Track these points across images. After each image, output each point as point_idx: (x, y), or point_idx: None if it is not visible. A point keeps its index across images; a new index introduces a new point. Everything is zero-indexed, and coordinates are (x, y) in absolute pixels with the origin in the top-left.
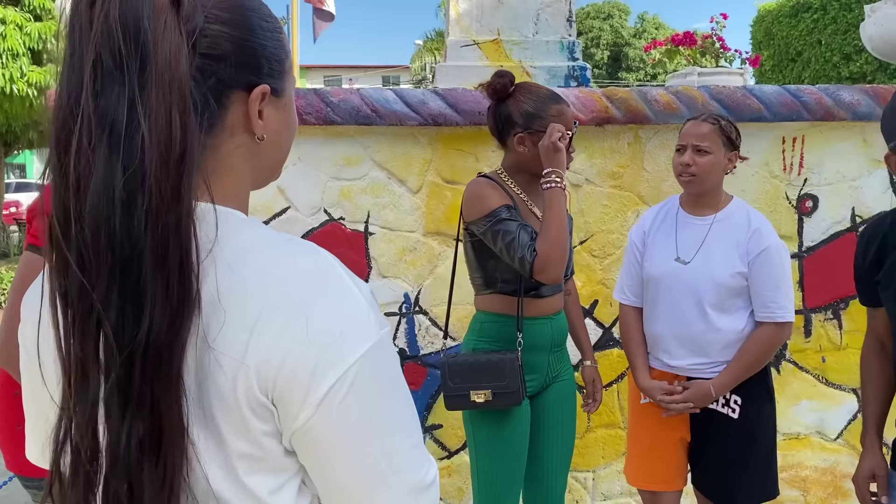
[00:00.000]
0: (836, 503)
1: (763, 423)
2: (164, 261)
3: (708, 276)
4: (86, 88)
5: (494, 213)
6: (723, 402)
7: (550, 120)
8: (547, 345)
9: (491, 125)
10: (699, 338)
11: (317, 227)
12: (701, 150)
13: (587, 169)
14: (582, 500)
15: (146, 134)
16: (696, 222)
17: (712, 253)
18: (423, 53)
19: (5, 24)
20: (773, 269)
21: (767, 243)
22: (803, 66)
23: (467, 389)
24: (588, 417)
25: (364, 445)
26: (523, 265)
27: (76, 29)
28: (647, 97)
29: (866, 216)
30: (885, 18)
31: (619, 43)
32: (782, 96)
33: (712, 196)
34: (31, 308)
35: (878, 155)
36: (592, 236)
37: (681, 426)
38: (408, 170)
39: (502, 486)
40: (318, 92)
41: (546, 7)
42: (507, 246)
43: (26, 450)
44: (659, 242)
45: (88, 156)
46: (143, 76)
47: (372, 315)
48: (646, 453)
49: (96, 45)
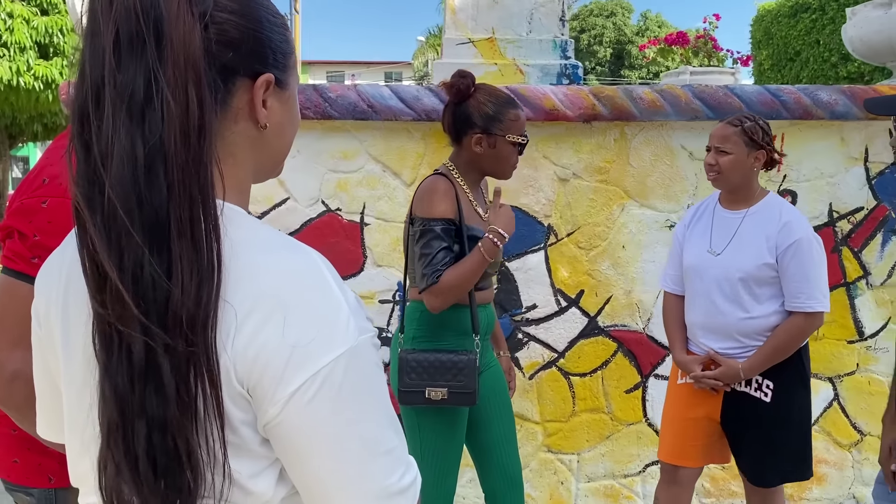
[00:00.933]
0: (812, 487)
1: (795, 407)
2: (190, 226)
3: (736, 267)
4: (107, 64)
5: (432, 222)
6: (755, 387)
7: (508, 124)
8: (484, 331)
9: (447, 123)
10: (729, 325)
11: (315, 218)
12: (721, 151)
13: (575, 164)
14: (567, 482)
15: (165, 106)
16: (729, 216)
17: (742, 245)
18: (426, 49)
19: (13, 18)
20: (802, 261)
21: (797, 236)
22: (801, 66)
23: (424, 386)
24: (573, 402)
25: (329, 447)
26: (423, 282)
27: (97, 10)
28: (632, 95)
29: (843, 212)
30: (864, 21)
31: (621, 40)
32: (762, 95)
33: (744, 192)
34: (45, 282)
35: (855, 153)
36: (579, 229)
37: (710, 408)
38: (402, 163)
39: (445, 470)
40: (316, 88)
41: (540, 7)
42: (420, 255)
43: (37, 426)
44: (696, 235)
45: (111, 126)
46: (160, 53)
47: (352, 321)
48: (674, 430)
49: (116, 24)
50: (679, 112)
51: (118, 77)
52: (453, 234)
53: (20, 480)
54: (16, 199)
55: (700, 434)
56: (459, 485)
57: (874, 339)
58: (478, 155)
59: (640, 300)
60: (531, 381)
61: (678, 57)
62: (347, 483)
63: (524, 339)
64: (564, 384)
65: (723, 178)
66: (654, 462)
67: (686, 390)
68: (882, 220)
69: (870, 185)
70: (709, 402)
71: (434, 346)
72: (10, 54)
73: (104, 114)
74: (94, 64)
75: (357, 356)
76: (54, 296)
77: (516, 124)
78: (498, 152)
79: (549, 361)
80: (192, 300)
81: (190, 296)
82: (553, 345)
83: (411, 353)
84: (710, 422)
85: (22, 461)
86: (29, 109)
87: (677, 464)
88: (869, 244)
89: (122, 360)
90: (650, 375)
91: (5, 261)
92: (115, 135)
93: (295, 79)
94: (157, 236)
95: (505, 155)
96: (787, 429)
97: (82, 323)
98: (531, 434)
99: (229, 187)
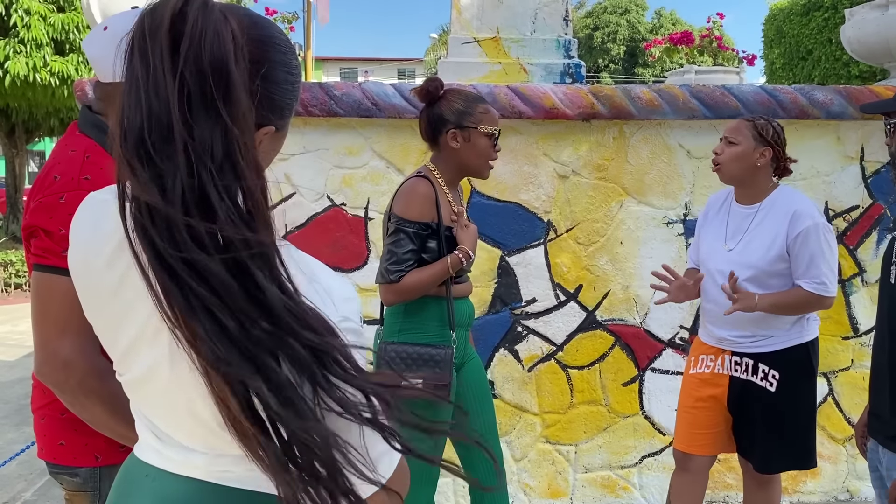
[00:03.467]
0: (806, 480)
1: (800, 397)
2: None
3: (746, 264)
4: (175, 113)
5: (406, 223)
6: (762, 376)
7: (479, 116)
8: (465, 322)
9: (423, 127)
10: (740, 315)
11: (320, 212)
12: (730, 142)
13: (574, 161)
14: (564, 473)
15: (243, 158)
16: (742, 211)
17: (753, 241)
18: (438, 46)
19: (30, 15)
20: (808, 248)
21: (805, 225)
22: (813, 65)
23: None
24: (572, 394)
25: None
26: (384, 276)
27: (154, 55)
28: (630, 94)
29: (839, 210)
30: (862, 22)
31: (635, 38)
32: (759, 95)
33: (752, 187)
34: (78, 234)
35: (851, 152)
36: (578, 225)
37: (719, 393)
38: (405, 159)
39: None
40: (322, 86)
41: (544, 7)
42: (388, 253)
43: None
44: (713, 228)
45: (191, 177)
46: (231, 112)
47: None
48: (685, 418)
49: (182, 78)
50: (676, 111)
51: (195, 130)
52: (425, 238)
53: (66, 461)
54: (32, 200)
55: (710, 422)
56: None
57: (869, 335)
58: (455, 151)
59: (638, 295)
60: (530, 373)
61: (684, 56)
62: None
63: (524, 333)
64: (563, 376)
65: (723, 168)
66: (650, 454)
67: (697, 379)
68: (877, 218)
69: (865, 183)
70: (717, 389)
71: (417, 338)
72: (28, 50)
73: (178, 155)
74: (157, 98)
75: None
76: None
77: (487, 116)
78: (473, 145)
79: (547, 354)
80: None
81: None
82: (552, 338)
83: (391, 345)
84: (719, 408)
85: (68, 442)
86: (45, 105)
87: (688, 451)
88: (864, 242)
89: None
90: (647, 369)
91: (36, 259)
92: (194, 181)
93: (289, 122)
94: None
95: (481, 147)
96: (792, 418)
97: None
98: (530, 425)
99: None
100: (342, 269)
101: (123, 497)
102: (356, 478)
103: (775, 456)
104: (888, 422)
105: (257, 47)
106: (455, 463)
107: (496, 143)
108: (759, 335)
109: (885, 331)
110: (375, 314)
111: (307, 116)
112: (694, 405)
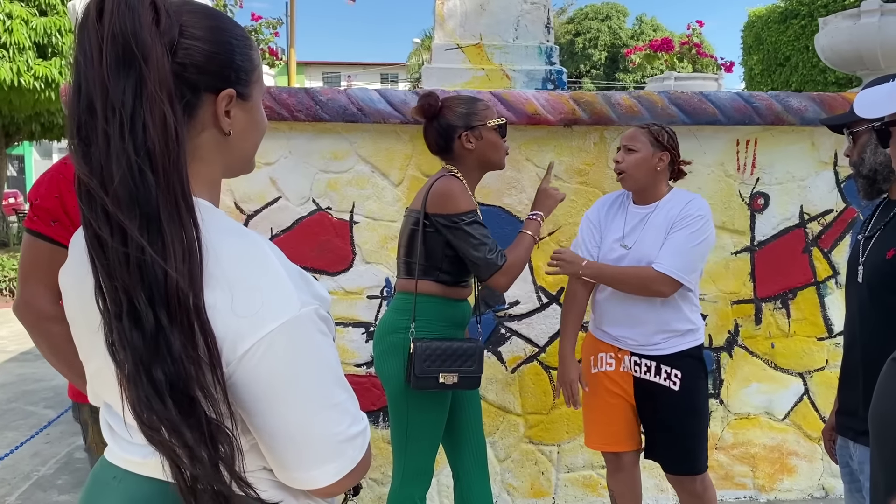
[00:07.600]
0: (783, 478)
1: (699, 397)
2: (178, 216)
3: (643, 259)
4: (98, 79)
5: (470, 213)
6: (665, 376)
7: (482, 114)
8: (466, 322)
9: (432, 142)
10: (634, 312)
11: (305, 216)
12: (629, 150)
13: (556, 166)
14: (547, 472)
15: (148, 119)
16: (638, 212)
17: (647, 239)
18: (421, 51)
19: (12, 19)
20: (682, 233)
21: (690, 212)
22: (791, 71)
23: (437, 372)
24: (554, 395)
25: (276, 402)
26: (489, 266)
27: (87, 32)
28: (610, 101)
29: (813, 213)
30: (835, 31)
31: (616, 44)
32: (735, 101)
33: (652, 191)
34: (67, 280)
35: (825, 157)
36: (560, 228)
37: (625, 393)
38: (390, 164)
39: (427, 454)
40: (308, 91)
41: (526, 14)
42: (476, 246)
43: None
44: (612, 228)
45: (105, 132)
46: (141, 74)
47: (294, 294)
48: (601, 418)
49: (104, 49)
50: (655, 117)
51: (109, 92)
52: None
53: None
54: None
55: (625, 418)
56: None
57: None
58: (471, 152)
59: None
60: (513, 374)
61: (664, 63)
62: (296, 432)
63: (507, 335)
64: (545, 377)
65: (628, 176)
66: None
67: (602, 377)
68: (851, 221)
69: (839, 188)
70: (623, 386)
71: (446, 335)
72: (10, 55)
73: (98, 121)
74: (87, 77)
75: (299, 325)
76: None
77: (489, 111)
78: (486, 141)
79: (530, 356)
80: (186, 277)
81: (182, 273)
82: (534, 340)
83: (424, 342)
84: (628, 404)
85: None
86: (29, 108)
87: (616, 450)
88: (838, 245)
89: (131, 324)
90: None
91: (26, 222)
92: (110, 139)
93: (259, 90)
94: (151, 224)
95: (493, 140)
96: (693, 418)
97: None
98: (513, 426)
99: (199, 184)
100: (327, 272)
101: (94, 499)
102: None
103: (676, 456)
104: (860, 417)
105: (177, 12)
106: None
107: (504, 133)
108: (658, 339)
109: (856, 329)
110: (361, 317)
111: (293, 121)
112: (607, 402)
